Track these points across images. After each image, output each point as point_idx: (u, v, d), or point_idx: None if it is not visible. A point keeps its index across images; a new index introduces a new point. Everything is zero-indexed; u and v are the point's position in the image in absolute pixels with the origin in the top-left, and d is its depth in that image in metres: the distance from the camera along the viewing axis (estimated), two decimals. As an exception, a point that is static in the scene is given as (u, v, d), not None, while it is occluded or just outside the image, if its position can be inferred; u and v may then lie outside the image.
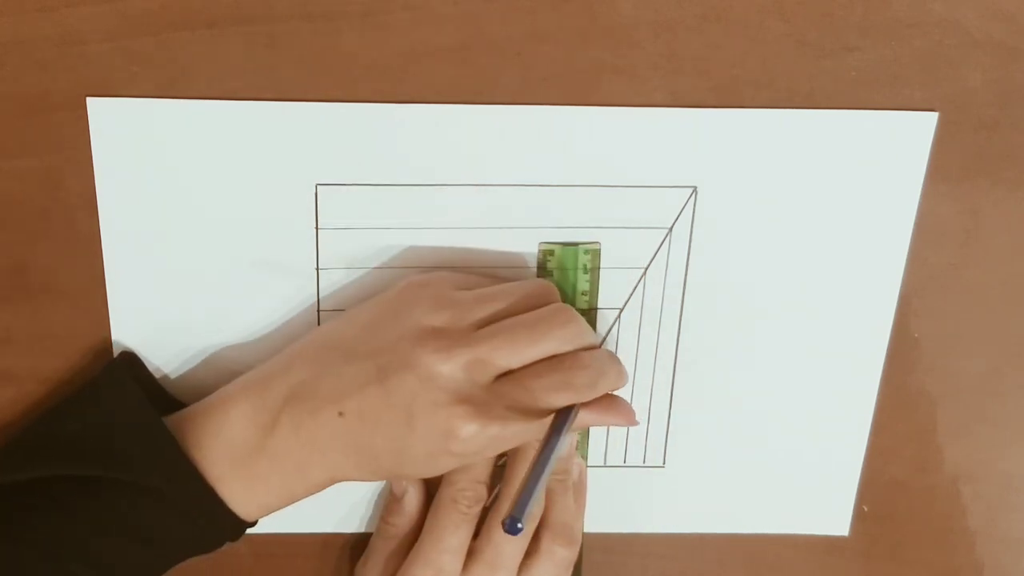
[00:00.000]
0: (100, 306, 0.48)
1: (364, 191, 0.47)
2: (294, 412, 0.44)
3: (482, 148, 0.47)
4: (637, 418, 0.49)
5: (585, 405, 0.45)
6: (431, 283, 0.46)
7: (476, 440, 0.43)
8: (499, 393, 0.44)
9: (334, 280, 0.49)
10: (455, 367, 0.43)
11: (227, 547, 0.46)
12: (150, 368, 0.49)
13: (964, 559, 0.57)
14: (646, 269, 0.50)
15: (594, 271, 0.49)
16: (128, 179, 0.46)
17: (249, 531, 0.47)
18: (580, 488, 0.51)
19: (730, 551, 0.56)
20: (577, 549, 0.50)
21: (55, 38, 0.44)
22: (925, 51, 0.46)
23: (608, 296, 0.50)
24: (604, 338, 0.51)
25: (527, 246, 0.49)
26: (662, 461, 0.53)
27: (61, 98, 0.45)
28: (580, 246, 0.49)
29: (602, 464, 0.53)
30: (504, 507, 0.48)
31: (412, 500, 0.51)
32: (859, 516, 0.55)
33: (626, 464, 0.53)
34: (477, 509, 0.48)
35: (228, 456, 0.44)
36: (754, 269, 0.50)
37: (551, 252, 0.49)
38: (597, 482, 0.53)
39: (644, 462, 0.53)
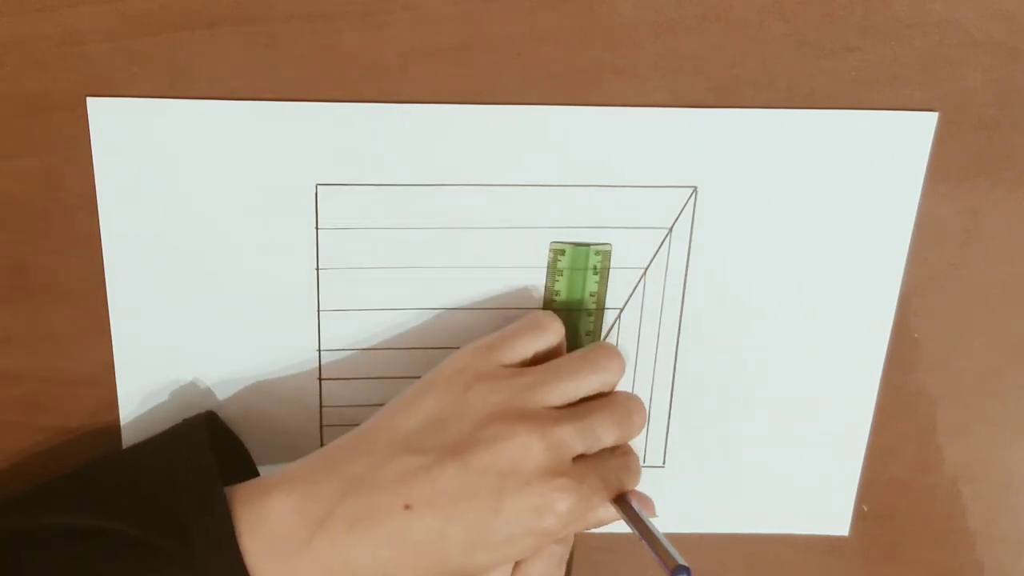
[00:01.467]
0: (100, 306, 0.48)
1: (364, 191, 0.47)
2: (350, 506, 0.41)
3: (482, 148, 0.47)
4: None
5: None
6: (479, 362, 0.45)
7: (570, 515, 0.43)
8: (581, 471, 0.44)
9: (334, 280, 0.49)
10: (545, 444, 0.43)
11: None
12: (151, 368, 0.49)
13: (964, 559, 0.57)
14: (646, 269, 0.50)
15: (604, 272, 0.49)
16: (128, 179, 0.46)
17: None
18: (564, 542, 0.51)
19: (730, 551, 0.56)
20: (570, 546, 0.50)
21: (55, 38, 0.44)
22: (925, 51, 0.46)
23: (608, 296, 0.50)
24: (604, 337, 0.51)
25: (527, 246, 0.49)
26: (662, 461, 0.53)
27: (61, 98, 0.45)
28: (592, 247, 0.49)
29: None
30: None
31: None
32: (859, 516, 0.55)
33: (626, 464, 0.53)
34: None
35: (267, 550, 0.41)
36: (754, 269, 0.50)
37: (562, 252, 0.49)
38: (597, 482, 0.53)
39: (644, 462, 0.53)
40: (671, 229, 0.49)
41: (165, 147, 0.46)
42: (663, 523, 0.55)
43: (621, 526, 0.55)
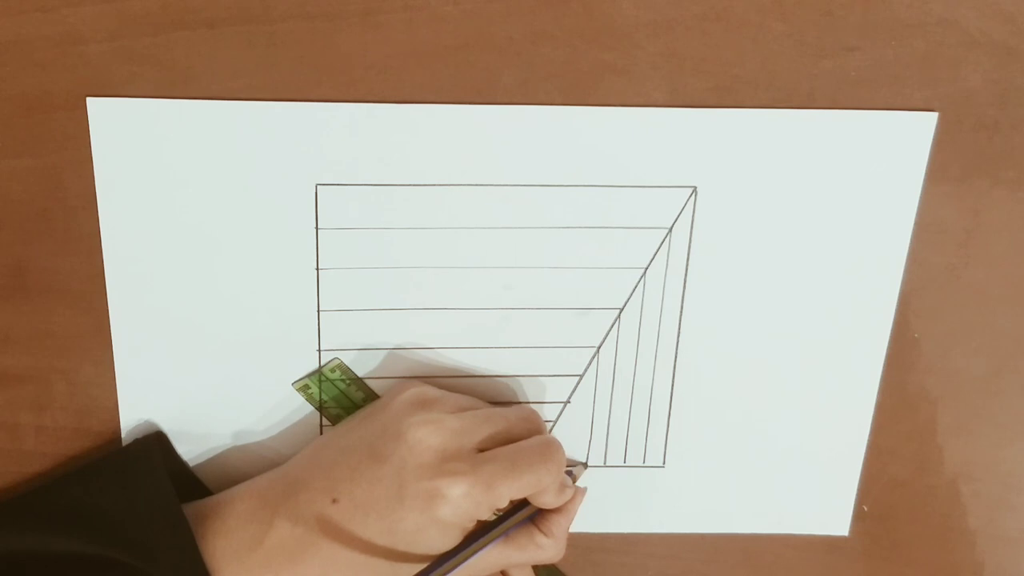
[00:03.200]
0: (100, 306, 0.48)
1: (364, 191, 0.47)
2: (291, 504, 0.45)
3: (482, 148, 0.47)
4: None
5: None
6: (437, 400, 0.47)
7: (464, 500, 0.43)
8: (485, 457, 0.45)
9: (334, 280, 0.49)
10: (444, 435, 0.44)
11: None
12: (151, 368, 0.49)
13: (964, 559, 0.57)
14: (646, 269, 0.50)
15: (354, 378, 0.50)
16: (128, 179, 0.46)
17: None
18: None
19: (730, 551, 0.56)
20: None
21: (55, 38, 0.44)
22: (925, 51, 0.46)
23: (608, 296, 0.50)
24: (604, 338, 0.51)
25: (528, 246, 0.49)
26: (662, 461, 0.53)
27: (61, 98, 0.45)
28: (322, 369, 0.50)
29: (602, 464, 0.53)
30: None
31: None
32: (859, 516, 0.55)
33: (626, 464, 0.53)
34: None
35: (229, 552, 0.44)
36: (754, 269, 0.50)
37: (307, 387, 0.50)
38: (597, 482, 0.53)
39: (644, 462, 0.53)
40: (671, 229, 0.49)
41: (165, 147, 0.46)
42: (663, 523, 0.55)
43: (621, 526, 0.55)
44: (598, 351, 0.51)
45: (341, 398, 0.50)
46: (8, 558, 0.44)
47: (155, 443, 0.48)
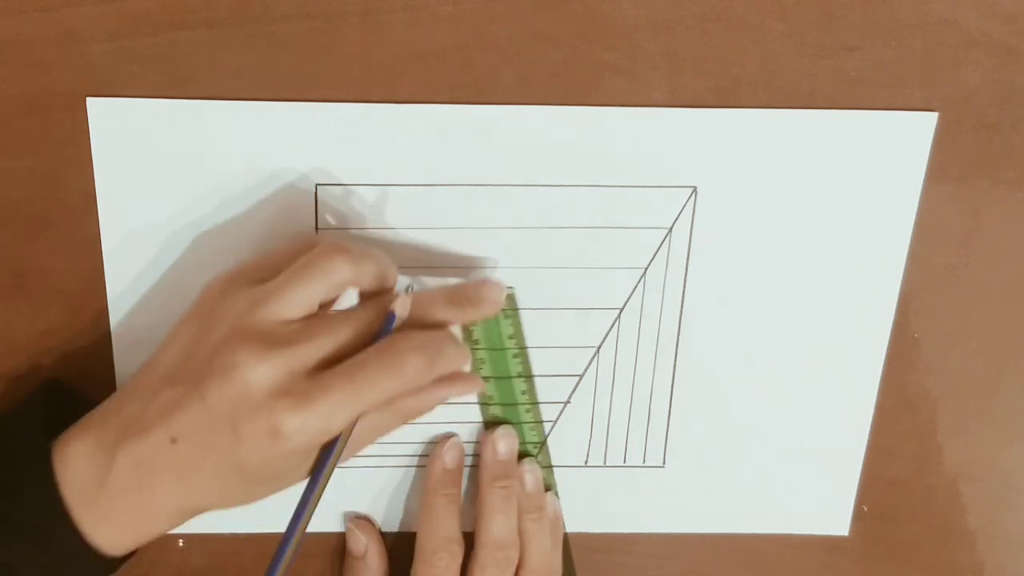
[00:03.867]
0: (100, 306, 0.48)
1: (364, 191, 0.47)
2: (129, 447, 0.42)
3: (482, 148, 0.47)
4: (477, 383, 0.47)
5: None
6: (228, 287, 0.44)
7: (304, 433, 0.41)
8: (321, 383, 0.41)
9: (334, 280, 0.49)
10: (271, 363, 0.41)
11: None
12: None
13: (964, 559, 0.57)
14: (646, 269, 0.50)
15: (514, 313, 0.49)
16: (128, 179, 0.46)
17: (249, 530, 0.47)
18: (556, 525, 0.51)
19: (730, 551, 0.56)
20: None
21: (55, 38, 0.44)
22: (925, 51, 0.46)
23: (608, 296, 0.50)
24: (604, 338, 0.51)
25: (528, 246, 0.49)
26: (662, 461, 0.53)
27: (61, 98, 0.45)
28: None
29: (602, 464, 0.53)
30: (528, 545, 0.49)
31: (374, 556, 0.51)
32: (859, 516, 0.55)
33: (626, 464, 0.53)
34: (455, 566, 0.49)
35: (77, 494, 0.43)
36: (754, 269, 0.50)
37: None
38: (597, 482, 0.53)
39: (644, 462, 0.53)
40: (671, 229, 0.49)
41: (165, 147, 0.46)
42: (663, 523, 0.55)
43: (621, 526, 0.55)
44: (598, 351, 0.51)
45: (490, 324, 0.49)
46: None
47: (40, 392, 0.47)
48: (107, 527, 0.43)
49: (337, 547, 0.54)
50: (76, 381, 0.49)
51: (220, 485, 0.43)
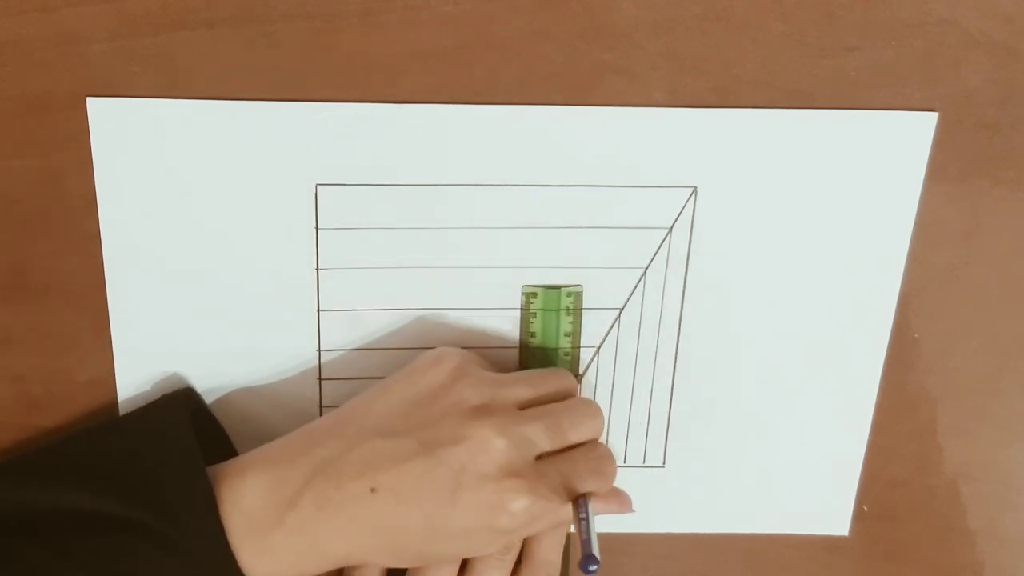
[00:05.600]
0: (100, 306, 0.48)
1: (364, 191, 0.47)
2: (319, 488, 0.43)
3: (482, 148, 0.47)
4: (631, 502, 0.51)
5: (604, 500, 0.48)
6: (462, 361, 0.46)
7: (524, 515, 0.44)
8: (543, 472, 0.44)
9: (334, 280, 0.49)
10: (508, 442, 0.43)
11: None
12: (151, 367, 0.49)
13: (964, 559, 0.57)
14: (646, 269, 0.50)
15: (577, 312, 0.49)
16: (128, 179, 0.46)
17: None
18: (563, 524, 0.51)
19: (730, 551, 0.56)
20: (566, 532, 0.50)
21: (55, 38, 0.44)
22: (925, 51, 0.46)
23: (608, 296, 0.50)
24: (604, 338, 0.51)
25: (528, 246, 0.49)
26: (662, 461, 0.53)
27: (61, 98, 0.45)
28: (563, 289, 0.49)
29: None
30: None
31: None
32: (859, 516, 0.55)
33: (626, 464, 0.53)
34: None
35: (244, 526, 0.43)
36: (754, 269, 0.50)
37: (534, 294, 0.49)
38: (597, 482, 0.53)
39: (644, 462, 0.53)
40: (671, 229, 0.49)
41: (165, 147, 0.46)
42: (663, 523, 0.55)
43: (621, 526, 0.55)
44: (598, 351, 0.51)
45: (550, 319, 0.50)
46: (19, 513, 0.43)
47: (182, 399, 0.47)
48: (269, 561, 0.43)
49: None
50: (76, 381, 0.49)
51: (401, 543, 0.44)
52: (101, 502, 0.42)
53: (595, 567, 0.43)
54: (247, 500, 0.43)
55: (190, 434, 0.44)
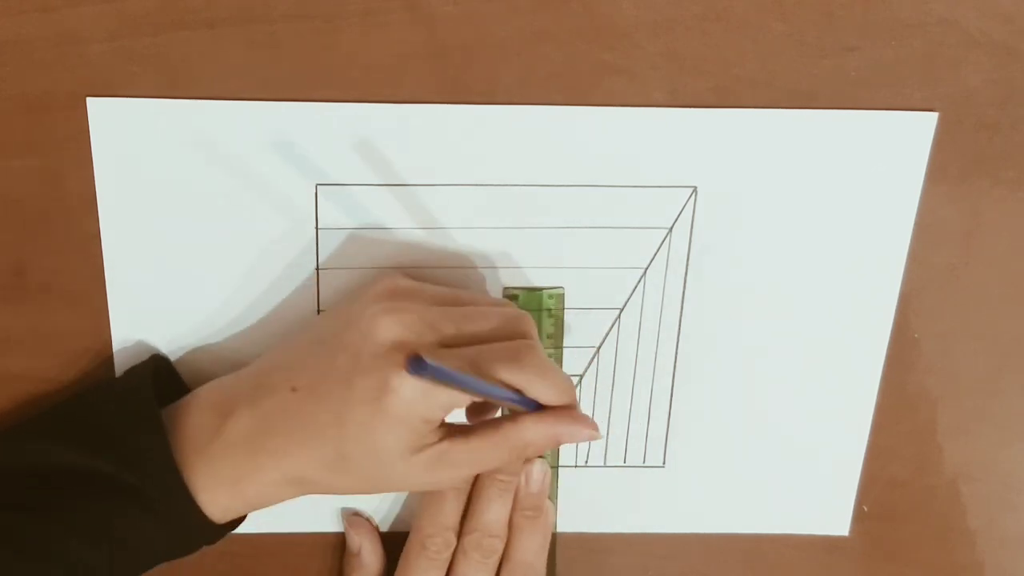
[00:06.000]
0: (100, 306, 0.48)
1: (364, 191, 0.47)
2: (253, 395, 0.44)
3: (482, 148, 0.47)
4: (600, 432, 0.48)
5: (547, 415, 0.44)
6: (393, 283, 0.45)
7: (408, 395, 0.41)
8: (441, 354, 0.41)
9: (334, 280, 0.49)
10: (399, 319, 0.42)
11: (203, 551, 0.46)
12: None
13: (964, 559, 0.57)
14: (646, 269, 0.50)
15: (558, 314, 0.49)
16: (128, 179, 0.46)
17: (249, 531, 0.47)
18: (548, 529, 0.51)
19: (730, 551, 0.56)
20: (550, 533, 0.50)
21: (55, 38, 0.44)
22: (925, 51, 0.46)
23: (608, 296, 0.50)
24: (604, 338, 0.51)
25: (528, 247, 0.49)
26: (662, 461, 0.53)
27: (61, 98, 0.45)
28: (544, 291, 0.49)
29: (602, 464, 0.53)
30: (518, 541, 0.49)
31: (369, 553, 0.51)
32: (859, 516, 0.55)
33: (626, 464, 0.53)
34: (447, 554, 0.49)
35: (190, 444, 0.44)
36: (754, 269, 0.50)
37: (515, 296, 0.49)
38: (597, 482, 0.53)
39: (644, 462, 0.53)
40: (671, 229, 0.49)
41: (165, 147, 0.46)
42: (663, 523, 0.55)
43: (621, 526, 0.55)
44: (598, 351, 0.51)
45: (535, 321, 0.48)
46: (10, 471, 0.44)
47: (150, 364, 0.48)
48: (215, 487, 0.44)
49: (337, 546, 0.54)
50: (76, 380, 0.49)
51: (322, 452, 0.43)
52: (72, 456, 0.43)
53: (423, 367, 0.37)
54: (192, 418, 0.44)
55: (147, 385, 0.45)
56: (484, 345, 0.43)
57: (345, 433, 0.42)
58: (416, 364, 0.36)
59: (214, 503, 0.44)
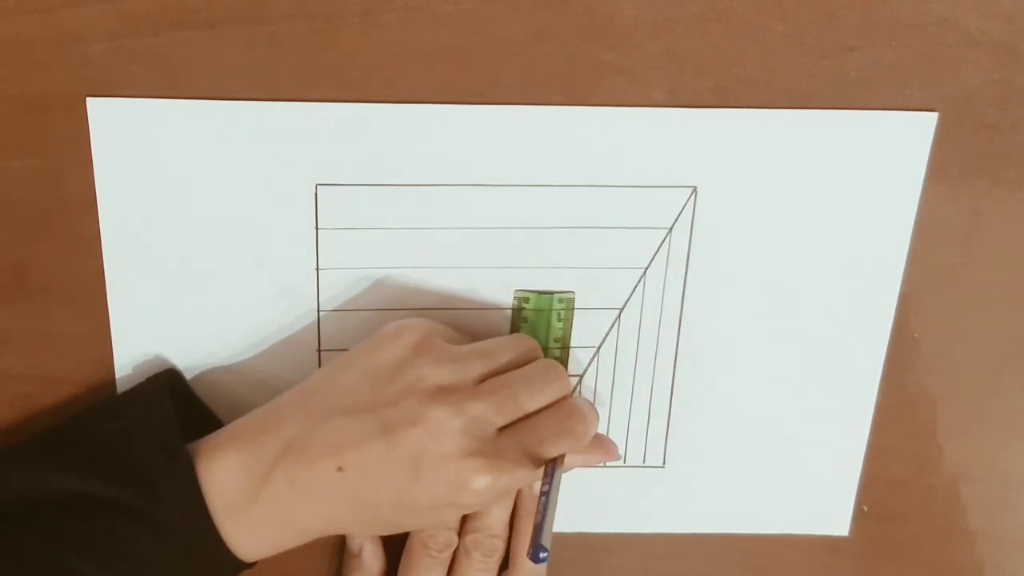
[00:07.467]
0: (100, 306, 0.48)
1: (364, 191, 0.47)
2: (289, 466, 0.44)
3: (482, 148, 0.47)
4: (619, 452, 0.52)
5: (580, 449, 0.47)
6: (424, 335, 0.46)
7: (488, 492, 0.44)
8: (504, 446, 0.44)
9: (334, 280, 0.49)
10: (464, 422, 0.44)
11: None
12: (151, 368, 0.49)
13: (964, 559, 0.57)
14: (646, 269, 0.50)
15: (568, 318, 0.50)
16: (128, 179, 0.46)
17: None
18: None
19: (730, 551, 0.56)
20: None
21: (55, 38, 0.44)
22: (925, 51, 0.46)
23: (608, 296, 0.50)
24: (604, 338, 0.51)
25: (528, 246, 0.49)
26: (662, 461, 0.53)
27: (61, 98, 0.45)
28: (555, 295, 0.49)
29: (602, 464, 0.53)
30: (522, 545, 0.51)
31: (371, 555, 0.52)
32: (859, 516, 0.55)
33: (626, 464, 0.53)
34: (448, 554, 0.50)
35: (221, 503, 0.44)
36: (754, 269, 0.50)
37: (526, 299, 0.49)
38: (597, 482, 0.53)
39: (644, 462, 0.53)
40: (671, 229, 0.49)
41: (165, 147, 0.46)
42: (663, 523, 0.55)
43: (621, 526, 0.55)
44: (598, 351, 0.51)
45: (540, 325, 0.50)
46: (4, 498, 0.44)
47: (164, 380, 0.48)
48: (249, 537, 0.45)
49: (338, 547, 0.54)
50: (76, 381, 0.49)
51: (372, 516, 0.45)
52: (86, 484, 0.43)
53: (544, 555, 0.42)
54: (221, 477, 0.44)
55: (168, 411, 0.45)
56: (531, 422, 0.45)
57: (404, 509, 0.45)
58: (539, 552, 0.42)
59: (246, 548, 0.45)
